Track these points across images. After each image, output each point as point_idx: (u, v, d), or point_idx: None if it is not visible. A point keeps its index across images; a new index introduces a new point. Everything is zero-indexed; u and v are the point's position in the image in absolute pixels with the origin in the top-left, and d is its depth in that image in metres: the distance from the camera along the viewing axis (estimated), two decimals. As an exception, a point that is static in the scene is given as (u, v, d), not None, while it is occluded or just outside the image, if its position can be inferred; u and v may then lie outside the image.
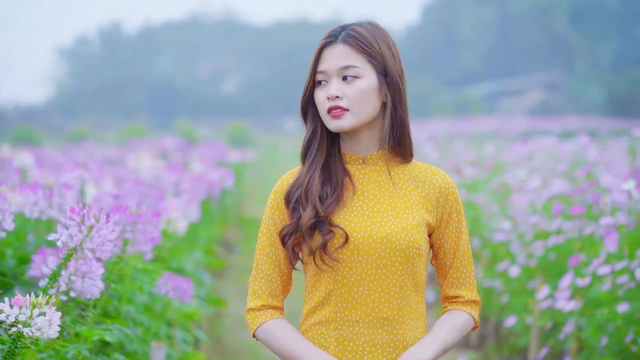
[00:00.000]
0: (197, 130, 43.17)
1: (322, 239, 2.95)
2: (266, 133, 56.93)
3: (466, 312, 3.10)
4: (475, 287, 3.13)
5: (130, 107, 76.14)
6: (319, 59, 3.04)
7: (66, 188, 5.00)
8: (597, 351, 5.61)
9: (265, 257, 3.06)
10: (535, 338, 6.95)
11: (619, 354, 5.37)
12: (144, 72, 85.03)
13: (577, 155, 9.53)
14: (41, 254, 4.11)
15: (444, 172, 3.14)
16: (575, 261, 5.86)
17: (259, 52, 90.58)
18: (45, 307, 3.04)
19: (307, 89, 3.05)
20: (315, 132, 3.06)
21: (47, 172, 7.25)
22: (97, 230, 3.42)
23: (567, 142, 10.39)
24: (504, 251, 8.08)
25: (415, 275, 3.01)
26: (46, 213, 4.93)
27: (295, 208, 3.02)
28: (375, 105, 3.01)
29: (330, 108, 2.97)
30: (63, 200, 4.93)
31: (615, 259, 5.50)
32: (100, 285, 3.67)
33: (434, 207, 3.04)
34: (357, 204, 3.02)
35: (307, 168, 3.04)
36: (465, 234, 3.11)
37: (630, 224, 5.67)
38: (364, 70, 2.97)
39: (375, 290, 2.97)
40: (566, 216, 6.64)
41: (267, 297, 3.06)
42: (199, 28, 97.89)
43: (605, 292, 5.41)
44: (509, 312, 7.50)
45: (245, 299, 9.77)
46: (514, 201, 8.16)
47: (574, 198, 7.36)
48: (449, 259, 3.10)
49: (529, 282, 7.28)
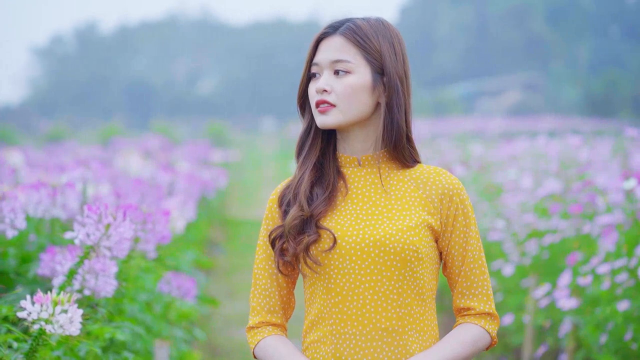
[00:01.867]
0: (175, 129, 43.13)
1: (307, 240, 2.75)
2: (243, 133, 56.90)
3: (478, 325, 2.81)
4: (491, 299, 2.85)
5: (107, 107, 76.01)
6: (315, 50, 2.84)
7: (69, 187, 4.99)
8: (595, 349, 5.64)
9: (262, 271, 2.89)
10: (530, 337, 6.98)
11: (618, 352, 5.41)
12: (120, 71, 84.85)
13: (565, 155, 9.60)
14: (50, 253, 4.11)
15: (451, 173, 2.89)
16: (573, 260, 5.92)
17: (236, 52, 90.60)
18: (67, 304, 3.04)
19: (302, 82, 2.87)
20: (309, 128, 2.88)
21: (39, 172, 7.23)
22: (115, 228, 3.42)
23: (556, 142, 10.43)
24: (496, 250, 8.13)
25: (417, 282, 2.76)
26: (50, 212, 4.92)
27: (286, 210, 2.84)
28: (367, 104, 2.79)
29: (317, 102, 2.79)
30: (66, 199, 4.92)
31: (612, 257, 5.55)
32: (114, 284, 3.67)
33: (436, 209, 2.80)
34: (349, 207, 2.82)
35: (300, 166, 2.88)
36: (475, 239, 2.83)
37: (627, 223, 5.72)
38: (357, 66, 2.77)
39: (371, 299, 2.74)
40: (563, 215, 6.69)
41: (265, 314, 2.88)
42: (176, 28, 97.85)
43: (605, 290, 5.45)
44: (504, 310, 7.53)
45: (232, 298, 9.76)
46: (506, 200, 8.21)
47: (566, 197, 7.42)
48: (457, 266, 2.83)
49: (523, 280, 7.32)
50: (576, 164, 8.83)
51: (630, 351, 5.30)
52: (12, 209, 3.89)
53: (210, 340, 8.94)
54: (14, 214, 3.91)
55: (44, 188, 4.88)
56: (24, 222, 3.95)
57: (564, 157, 9.47)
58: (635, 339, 5.13)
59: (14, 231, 3.95)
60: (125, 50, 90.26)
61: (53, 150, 17.96)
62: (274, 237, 2.82)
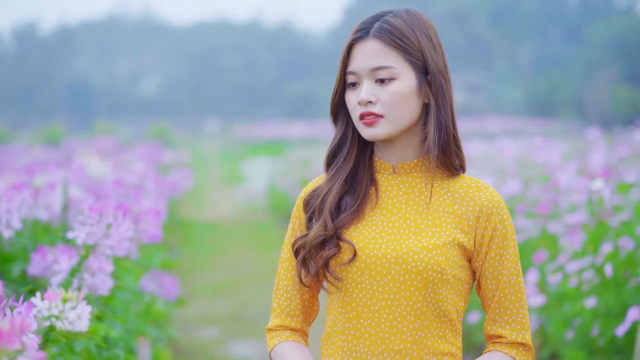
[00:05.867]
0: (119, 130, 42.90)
1: (326, 254, 2.57)
2: (187, 134, 56.76)
3: (508, 356, 2.59)
4: (527, 328, 2.61)
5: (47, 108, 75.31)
6: (348, 56, 2.59)
7: (50, 189, 5.04)
8: (562, 345, 5.80)
9: (285, 271, 2.72)
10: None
11: (584, 347, 5.57)
12: (61, 72, 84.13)
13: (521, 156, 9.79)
14: (40, 253, 4.17)
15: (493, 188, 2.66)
16: (539, 258, 6.10)
17: (179, 52, 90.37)
18: (76, 301, 3.11)
19: (336, 91, 2.63)
20: (344, 139, 2.67)
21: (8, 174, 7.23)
22: (116, 228, 3.50)
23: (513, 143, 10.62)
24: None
25: (439, 304, 2.54)
26: (33, 213, 4.96)
27: (311, 218, 2.67)
28: (415, 109, 2.57)
29: (362, 114, 2.55)
30: (49, 200, 4.97)
31: (579, 255, 5.72)
32: (110, 282, 3.74)
33: (471, 227, 2.57)
34: (376, 218, 2.61)
35: (331, 177, 2.66)
36: (513, 263, 2.59)
37: (591, 222, 5.90)
38: (400, 71, 2.53)
39: (387, 319, 2.54)
40: (528, 214, 6.85)
41: (285, 317, 2.72)
42: (118, 28, 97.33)
43: (572, 288, 5.62)
44: (469, 308, 7.66)
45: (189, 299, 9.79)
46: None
47: (526, 197, 7.59)
48: (490, 290, 2.60)
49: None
50: (533, 165, 9.03)
51: (596, 346, 5.46)
52: (8, 209, 3.95)
53: (172, 340, 9.01)
54: (9, 214, 3.96)
55: (27, 189, 4.92)
56: (19, 223, 4.00)
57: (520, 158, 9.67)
58: (602, 334, 5.29)
59: (10, 231, 4.00)
60: (66, 50, 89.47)
61: (3, 151, 17.83)
62: (297, 247, 2.65)
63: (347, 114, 2.65)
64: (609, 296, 5.31)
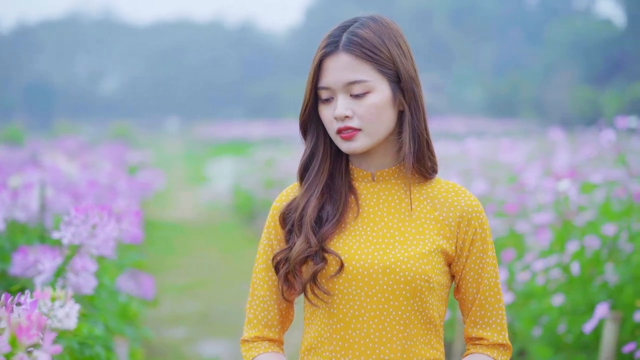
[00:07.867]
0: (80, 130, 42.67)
1: (313, 268, 2.54)
2: (147, 133, 56.58)
3: (491, 357, 2.62)
4: (505, 329, 2.65)
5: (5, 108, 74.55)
6: (319, 71, 2.56)
7: (28, 189, 5.08)
8: (530, 342, 5.93)
9: (260, 281, 2.67)
10: (461, 332, 7.21)
11: (551, 343, 5.69)
12: (20, 71, 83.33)
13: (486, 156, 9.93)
14: (22, 253, 4.23)
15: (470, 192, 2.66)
16: (507, 257, 6.22)
17: (139, 52, 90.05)
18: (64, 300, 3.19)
19: (306, 106, 2.61)
20: (315, 151, 2.64)
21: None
22: (102, 228, 3.57)
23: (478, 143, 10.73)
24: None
25: (426, 312, 2.55)
26: (11, 214, 5.01)
27: (290, 231, 2.62)
28: (391, 119, 2.56)
29: (340, 129, 2.53)
30: (27, 201, 5.01)
31: (545, 254, 5.86)
32: (94, 281, 3.80)
33: (453, 233, 2.58)
34: (360, 228, 2.59)
35: (305, 190, 2.63)
36: (492, 265, 2.62)
37: (557, 222, 6.04)
38: (374, 83, 2.51)
39: (375, 329, 2.53)
40: (497, 214, 6.99)
41: (262, 328, 2.67)
42: (77, 27, 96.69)
43: (539, 286, 5.74)
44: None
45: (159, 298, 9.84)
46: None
47: (493, 197, 7.72)
48: (470, 293, 2.62)
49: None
50: (499, 165, 9.17)
51: (563, 343, 5.58)
52: (-7, 210, 4.01)
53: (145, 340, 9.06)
54: (-6, 215, 4.02)
55: (5, 190, 4.97)
56: (3, 224, 4.06)
57: (485, 158, 9.80)
58: (569, 331, 5.41)
59: (-7, 232, 4.06)
60: (25, 49, 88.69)
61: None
62: (277, 261, 2.61)
63: (317, 127, 2.64)
64: (575, 294, 5.44)
